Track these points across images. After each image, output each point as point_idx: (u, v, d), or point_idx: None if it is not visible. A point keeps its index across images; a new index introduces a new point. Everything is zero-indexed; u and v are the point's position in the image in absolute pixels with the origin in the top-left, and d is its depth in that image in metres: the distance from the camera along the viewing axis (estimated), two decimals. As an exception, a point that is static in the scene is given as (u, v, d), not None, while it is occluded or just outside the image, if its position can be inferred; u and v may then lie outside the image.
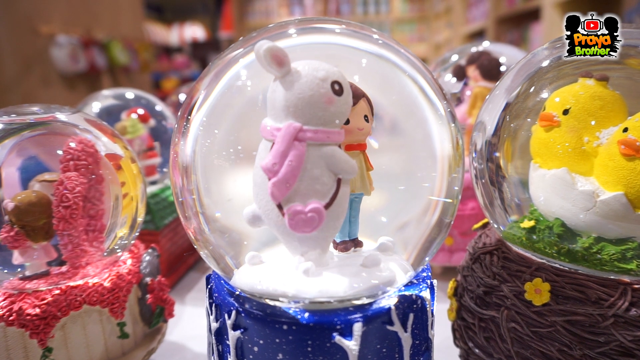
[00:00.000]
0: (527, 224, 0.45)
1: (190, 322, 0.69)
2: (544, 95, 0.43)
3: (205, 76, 0.37)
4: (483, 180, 0.48)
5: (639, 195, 0.38)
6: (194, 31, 5.70)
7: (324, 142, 0.33)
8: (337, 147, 0.34)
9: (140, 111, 0.77)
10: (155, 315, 0.52)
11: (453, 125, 0.37)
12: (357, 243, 0.39)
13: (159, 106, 0.82)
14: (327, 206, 0.34)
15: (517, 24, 3.04)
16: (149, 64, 3.61)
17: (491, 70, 0.72)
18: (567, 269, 0.42)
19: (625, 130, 0.40)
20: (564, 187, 0.42)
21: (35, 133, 0.47)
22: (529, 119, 0.43)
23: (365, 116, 0.36)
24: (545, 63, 0.44)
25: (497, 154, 0.45)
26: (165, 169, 0.81)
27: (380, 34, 0.39)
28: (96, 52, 2.89)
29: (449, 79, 0.78)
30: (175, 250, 0.80)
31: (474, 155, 0.47)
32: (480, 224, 0.56)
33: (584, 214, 0.41)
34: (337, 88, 0.33)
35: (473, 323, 0.48)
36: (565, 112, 0.43)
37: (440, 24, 4.69)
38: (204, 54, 5.31)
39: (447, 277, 0.59)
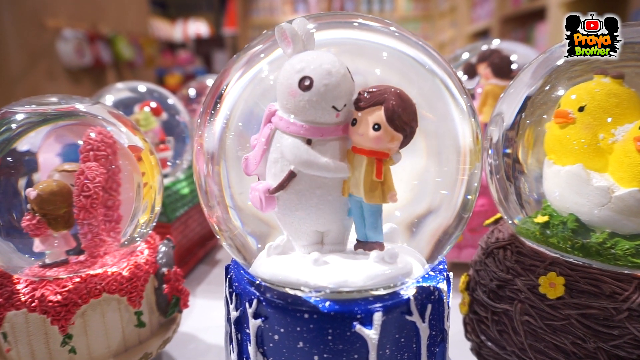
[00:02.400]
0: (541, 219, 0.45)
1: (201, 314, 0.69)
2: (563, 92, 0.43)
3: (230, 69, 0.38)
4: (498, 176, 0.48)
5: (654, 191, 0.39)
6: (198, 27, 5.70)
7: (285, 131, 0.35)
8: (298, 140, 0.35)
9: (153, 104, 0.78)
10: (171, 305, 0.53)
11: (473, 120, 0.38)
12: (367, 246, 0.37)
13: (171, 100, 0.83)
14: (274, 191, 0.35)
15: (522, 24, 3.03)
16: (153, 60, 3.62)
17: (503, 68, 0.73)
18: (581, 263, 0.42)
19: (642, 127, 0.40)
20: (579, 183, 0.42)
21: (66, 123, 0.47)
22: (545, 116, 0.44)
23: (376, 125, 0.34)
24: (562, 60, 0.45)
25: (514, 149, 0.45)
26: (178, 161, 0.81)
27: (399, 27, 0.39)
28: (101, 47, 2.90)
29: (459, 76, 0.78)
30: (186, 243, 0.80)
31: (489, 151, 0.48)
32: (492, 219, 0.56)
33: (598, 210, 0.41)
34: (305, 84, 0.33)
35: (486, 316, 0.48)
36: (581, 109, 0.43)
37: (444, 23, 4.68)
38: (207, 50, 5.31)
39: (456, 273, 0.60)
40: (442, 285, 0.39)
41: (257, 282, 0.39)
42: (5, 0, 2.27)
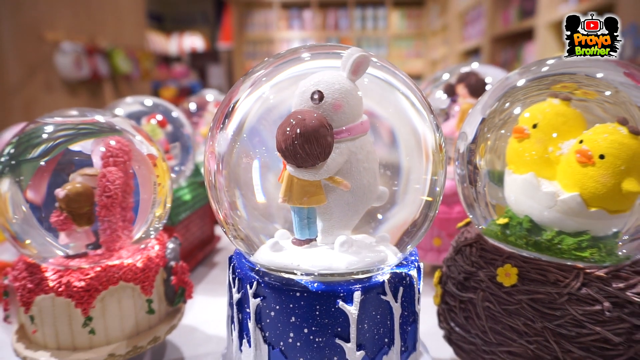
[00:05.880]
0: (502, 220, 0.53)
1: (202, 309, 0.77)
2: (514, 110, 0.52)
3: (238, 89, 0.47)
4: (465, 185, 0.57)
5: (591, 195, 0.47)
6: (193, 41, 5.82)
7: None
8: None
9: (159, 117, 0.86)
10: (178, 295, 0.60)
11: (438, 134, 0.46)
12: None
13: (175, 112, 0.91)
14: None
15: (511, 43, 3.17)
16: (149, 73, 3.71)
17: (478, 88, 0.82)
18: (532, 257, 0.50)
19: (581, 142, 0.49)
20: (531, 189, 0.50)
21: (109, 136, 0.56)
22: (502, 131, 0.53)
23: None
24: (516, 84, 0.54)
25: (476, 161, 0.54)
26: (183, 167, 0.89)
27: (379, 58, 0.48)
28: (99, 60, 2.99)
29: (439, 96, 0.87)
30: (187, 246, 0.88)
31: (456, 162, 0.56)
32: (463, 222, 0.65)
33: (547, 211, 0.49)
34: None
35: (454, 305, 0.56)
36: (534, 126, 0.51)
37: (436, 41, 4.84)
38: (202, 64, 5.43)
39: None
40: (413, 273, 0.47)
41: (257, 268, 0.47)
42: (5, 13, 2.35)
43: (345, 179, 0.43)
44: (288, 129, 0.40)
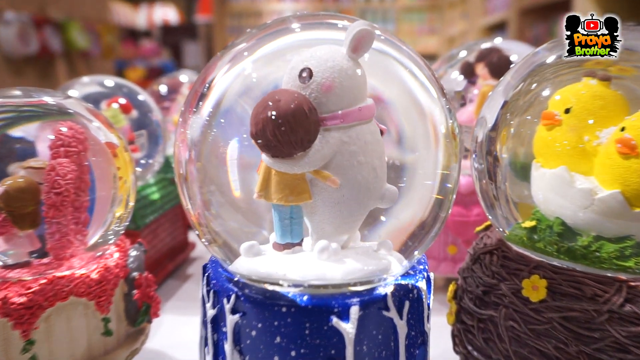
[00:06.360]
0: (529, 224, 0.53)
1: (171, 331, 0.77)
2: (542, 92, 0.52)
3: (215, 65, 0.46)
4: (484, 180, 0.56)
5: (634, 193, 0.47)
6: (166, 13, 5.81)
7: None
8: None
9: (122, 101, 0.85)
10: (141, 313, 0.60)
11: (451, 120, 0.46)
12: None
13: (142, 96, 0.91)
14: None
15: (544, 17, 3.16)
16: (112, 50, 3.70)
17: (501, 68, 0.81)
18: (564, 266, 0.50)
19: (623, 129, 0.49)
20: (562, 186, 0.50)
21: (57, 119, 0.56)
22: (528, 116, 0.53)
23: None
24: (545, 61, 0.53)
25: (495, 147, 0.54)
26: (150, 160, 0.89)
27: (384, 31, 0.48)
28: (50, 33, 2.97)
29: (455, 77, 0.87)
30: (154, 255, 0.87)
31: (474, 155, 0.56)
32: (482, 226, 0.65)
33: (582, 212, 0.49)
34: None
35: (472, 325, 0.56)
36: (567, 110, 0.51)
37: (454, 15, 4.85)
38: (176, 40, 5.42)
39: (450, 288, 0.68)
40: (422, 284, 0.47)
41: (236, 278, 0.46)
42: None
43: (335, 174, 0.42)
44: (261, 111, 0.39)
